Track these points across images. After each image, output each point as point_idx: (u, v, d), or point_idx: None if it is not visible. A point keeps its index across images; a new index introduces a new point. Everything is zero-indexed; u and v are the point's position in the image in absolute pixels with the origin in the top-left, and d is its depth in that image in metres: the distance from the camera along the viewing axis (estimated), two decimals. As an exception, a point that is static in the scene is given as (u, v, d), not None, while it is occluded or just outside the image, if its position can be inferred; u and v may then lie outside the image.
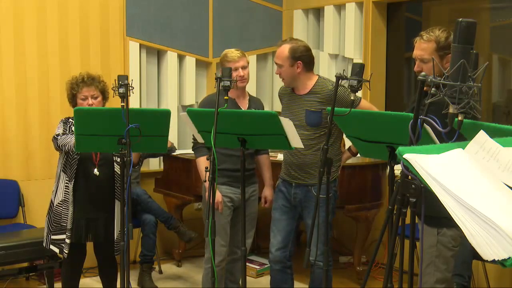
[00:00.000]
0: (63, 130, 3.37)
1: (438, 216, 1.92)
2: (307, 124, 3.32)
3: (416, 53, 2.70)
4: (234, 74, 3.34)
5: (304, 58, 3.34)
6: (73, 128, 3.30)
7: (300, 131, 3.22)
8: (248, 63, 3.60)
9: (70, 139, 3.25)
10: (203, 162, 3.53)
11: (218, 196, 3.49)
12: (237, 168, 3.40)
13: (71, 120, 3.41)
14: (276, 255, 3.49)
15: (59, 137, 3.32)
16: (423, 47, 2.67)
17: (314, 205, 3.31)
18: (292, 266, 3.57)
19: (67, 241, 3.36)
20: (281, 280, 3.54)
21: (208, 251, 3.57)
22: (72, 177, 3.36)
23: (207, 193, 3.49)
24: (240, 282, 3.34)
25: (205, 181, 2.92)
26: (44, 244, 3.46)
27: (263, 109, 3.78)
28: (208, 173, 2.86)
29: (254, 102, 3.69)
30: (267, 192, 3.73)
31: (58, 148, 3.34)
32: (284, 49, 3.32)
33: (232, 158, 3.45)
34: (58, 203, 3.39)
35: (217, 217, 3.43)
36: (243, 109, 3.57)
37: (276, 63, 3.39)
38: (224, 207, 3.54)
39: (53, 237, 3.41)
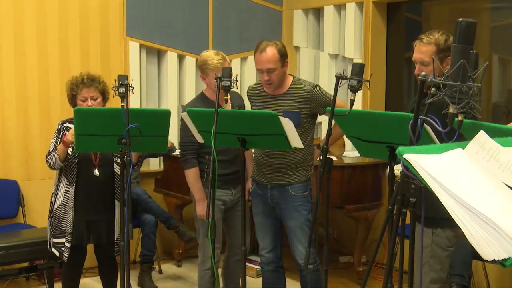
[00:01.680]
0: (54, 145, 3.37)
1: (433, 217, 1.92)
2: None
3: (416, 56, 2.71)
4: None
5: (287, 56, 3.33)
6: (66, 133, 3.31)
7: None
8: (229, 64, 3.47)
9: (55, 157, 3.29)
10: (192, 174, 3.48)
11: (204, 209, 3.43)
12: (228, 172, 3.42)
13: (65, 125, 3.41)
14: (268, 256, 3.49)
15: (47, 159, 3.36)
16: (423, 50, 2.68)
17: (291, 206, 3.33)
18: (283, 265, 3.58)
19: (67, 245, 3.36)
20: (274, 280, 3.54)
21: (202, 253, 3.56)
22: (73, 181, 3.36)
23: (198, 207, 3.49)
24: (241, 282, 3.34)
25: (205, 180, 2.90)
26: (48, 246, 3.47)
27: (243, 102, 3.68)
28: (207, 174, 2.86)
29: (235, 98, 3.60)
30: (250, 185, 3.61)
31: (51, 168, 3.39)
32: (272, 52, 3.21)
33: (224, 164, 3.37)
34: (58, 206, 3.38)
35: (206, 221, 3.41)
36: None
37: (267, 70, 3.21)
38: (216, 210, 3.50)
39: (54, 240, 3.41)
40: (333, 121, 2.56)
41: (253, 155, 3.53)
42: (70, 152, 3.32)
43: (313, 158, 3.46)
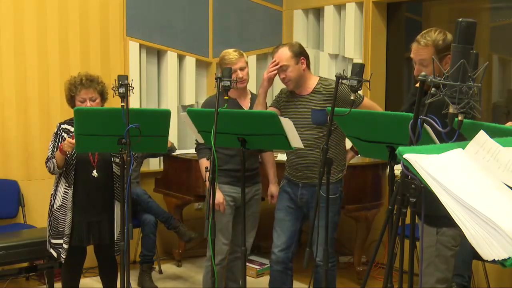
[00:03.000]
0: (52, 150, 3.37)
1: (438, 215, 1.92)
2: (313, 122, 3.31)
3: (416, 58, 2.68)
4: (233, 76, 3.32)
5: (305, 53, 3.40)
6: (64, 136, 3.32)
7: (307, 131, 3.29)
8: (246, 63, 3.59)
9: (53, 164, 3.30)
10: (205, 164, 3.52)
11: (220, 197, 3.48)
12: (241, 168, 3.41)
13: (62, 127, 3.41)
14: (279, 255, 3.47)
15: (46, 165, 3.37)
16: (422, 52, 2.64)
17: (321, 206, 3.32)
18: (292, 267, 3.57)
19: (65, 246, 3.36)
20: (281, 281, 3.53)
21: (209, 249, 3.57)
22: (71, 182, 3.36)
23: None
24: (241, 282, 3.35)
25: (206, 181, 2.92)
26: (46, 247, 3.47)
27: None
28: (208, 173, 2.86)
29: (254, 99, 3.66)
30: (273, 188, 3.73)
31: (51, 173, 3.41)
32: (285, 50, 3.32)
33: (236, 159, 3.45)
34: (56, 207, 3.38)
35: (219, 216, 3.43)
36: (245, 108, 3.57)
37: (280, 67, 3.33)
38: (226, 206, 3.54)
39: (53, 241, 3.41)
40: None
41: (285, 156, 3.55)
42: (68, 154, 3.32)
43: (345, 158, 3.46)
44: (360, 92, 2.81)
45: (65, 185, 3.37)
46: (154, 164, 5.25)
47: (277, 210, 3.52)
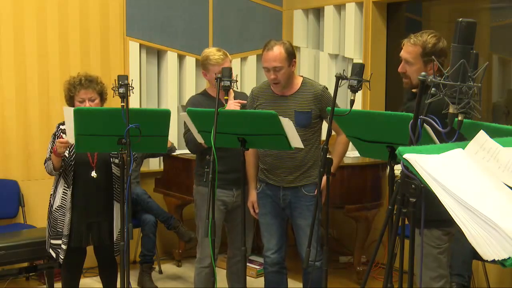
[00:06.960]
0: (50, 151, 3.35)
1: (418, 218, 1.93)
2: (296, 125, 3.17)
3: (402, 54, 2.74)
4: None
5: (295, 54, 3.33)
6: (64, 136, 3.31)
7: None
8: (231, 62, 3.50)
9: (50, 166, 3.30)
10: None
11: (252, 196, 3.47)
12: (229, 169, 3.34)
13: (61, 127, 3.40)
14: (273, 258, 3.45)
15: (45, 166, 3.36)
16: (409, 50, 2.71)
17: (304, 205, 3.33)
18: (286, 266, 3.57)
19: (63, 247, 3.35)
20: (277, 281, 3.52)
21: (199, 251, 3.56)
22: (70, 183, 3.35)
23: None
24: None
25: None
26: (46, 247, 3.47)
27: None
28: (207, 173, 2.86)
29: (242, 98, 3.58)
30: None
31: (50, 174, 3.41)
32: (280, 50, 3.21)
33: (225, 160, 3.33)
34: (56, 208, 3.38)
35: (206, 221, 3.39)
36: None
37: (274, 68, 3.21)
38: (216, 210, 3.49)
39: (52, 241, 3.40)
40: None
41: (260, 158, 3.46)
42: (67, 154, 3.32)
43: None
44: (360, 92, 2.80)
45: (64, 186, 3.36)
46: (154, 164, 5.25)
47: (261, 214, 3.46)
